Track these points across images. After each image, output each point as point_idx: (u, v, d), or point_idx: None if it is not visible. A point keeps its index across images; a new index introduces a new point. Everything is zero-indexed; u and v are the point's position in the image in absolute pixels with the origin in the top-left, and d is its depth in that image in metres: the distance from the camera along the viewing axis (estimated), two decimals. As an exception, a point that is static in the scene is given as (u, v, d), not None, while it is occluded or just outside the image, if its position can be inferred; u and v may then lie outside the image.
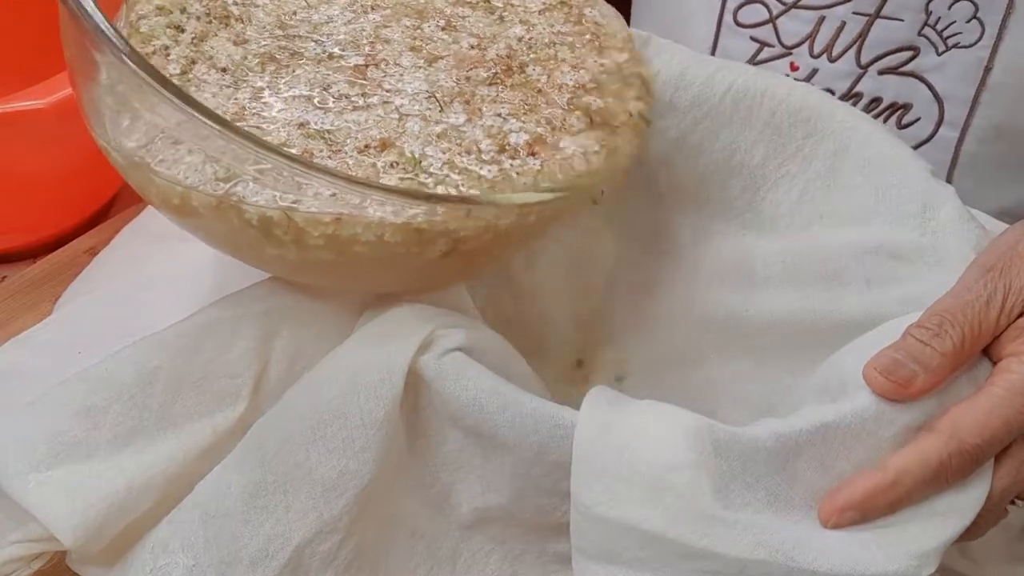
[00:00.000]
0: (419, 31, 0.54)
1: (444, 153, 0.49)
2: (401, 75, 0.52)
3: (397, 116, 0.50)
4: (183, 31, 0.52)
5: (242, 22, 0.53)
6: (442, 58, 0.53)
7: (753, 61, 0.78)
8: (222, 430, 0.51)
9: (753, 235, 0.65)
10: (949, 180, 0.75)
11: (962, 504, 0.47)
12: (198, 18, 0.52)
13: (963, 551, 0.55)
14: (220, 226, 0.47)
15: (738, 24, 0.77)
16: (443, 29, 0.55)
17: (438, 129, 0.50)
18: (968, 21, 0.72)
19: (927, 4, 0.71)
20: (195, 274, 0.67)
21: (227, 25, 0.52)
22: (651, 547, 0.45)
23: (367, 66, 0.52)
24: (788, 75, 0.77)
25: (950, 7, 0.72)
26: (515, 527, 0.50)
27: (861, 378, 0.48)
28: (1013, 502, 0.50)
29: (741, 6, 0.77)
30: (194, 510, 0.49)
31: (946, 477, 0.46)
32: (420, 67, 0.52)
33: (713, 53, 0.79)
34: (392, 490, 0.50)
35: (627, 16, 0.86)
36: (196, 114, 0.43)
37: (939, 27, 0.73)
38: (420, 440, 0.50)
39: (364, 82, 0.51)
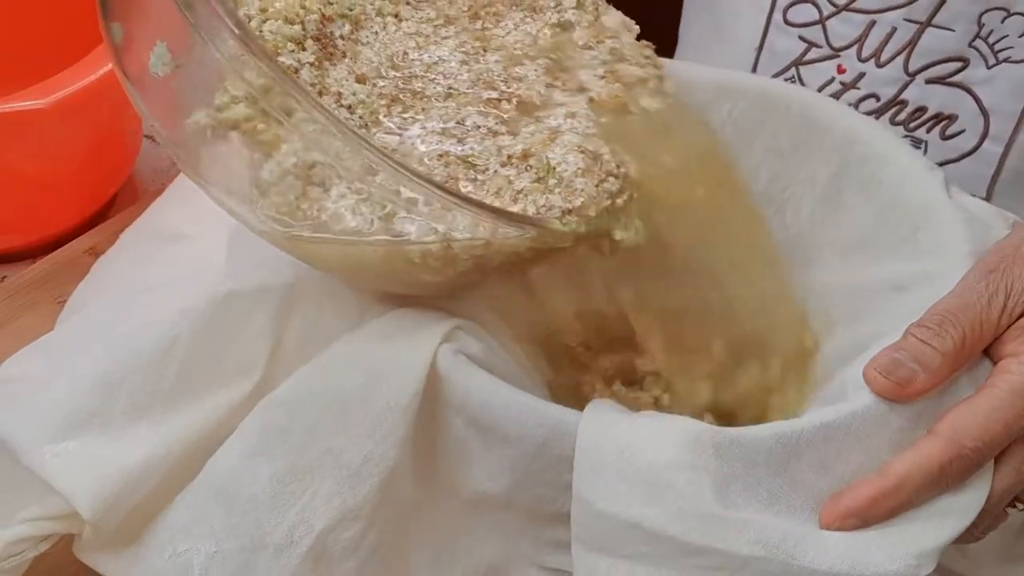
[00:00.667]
0: (552, 72, 0.57)
1: (583, 163, 0.52)
2: (550, 97, 0.55)
3: (548, 132, 0.53)
4: (304, 49, 0.52)
5: (348, 58, 0.54)
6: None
7: (800, 61, 0.79)
8: (237, 403, 0.53)
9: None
10: (990, 193, 0.76)
11: (962, 505, 0.48)
12: (313, 39, 0.53)
13: (962, 551, 0.56)
14: (382, 268, 0.50)
15: (787, 23, 0.78)
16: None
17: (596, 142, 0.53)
18: (1020, 36, 0.72)
19: (980, 16, 0.72)
20: (203, 273, 0.65)
21: (334, 63, 0.54)
22: (652, 544, 0.46)
23: (500, 100, 0.54)
24: (835, 78, 0.78)
25: (1003, 20, 0.72)
26: (512, 513, 0.52)
27: (861, 379, 0.49)
28: (1013, 504, 0.52)
29: (791, 5, 0.78)
30: (215, 496, 0.51)
31: (946, 481, 0.47)
32: (574, 96, 0.56)
33: (760, 51, 0.80)
34: (407, 476, 0.52)
35: (678, 12, 0.89)
36: (360, 138, 0.45)
37: (990, 40, 0.73)
38: (427, 426, 0.52)
39: (499, 112, 0.54)
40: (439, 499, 0.53)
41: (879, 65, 0.75)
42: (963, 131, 0.75)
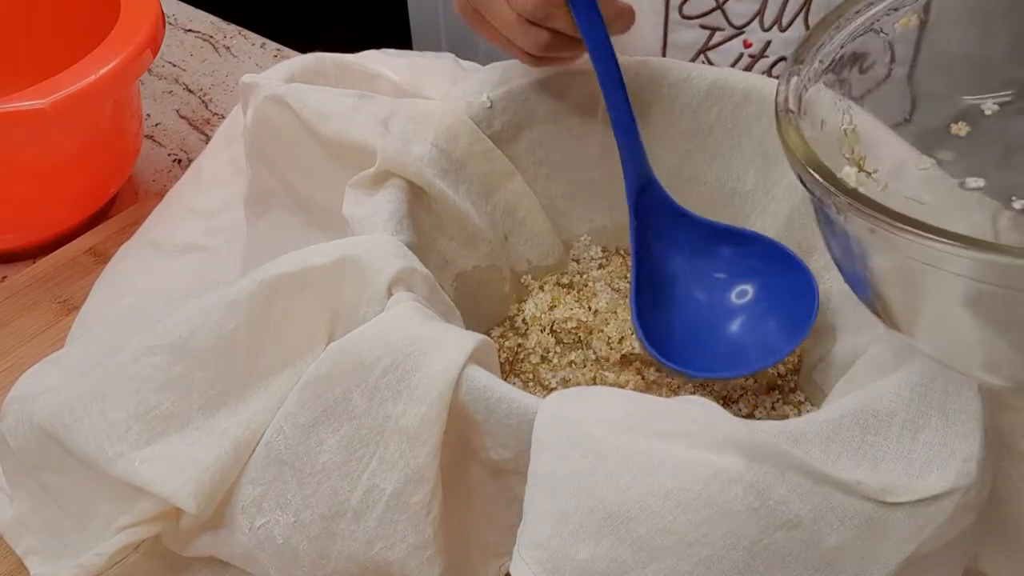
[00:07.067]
0: None
1: None
2: None
3: None
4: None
5: None
6: None
7: (706, 47, 0.84)
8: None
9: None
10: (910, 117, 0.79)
11: None
12: None
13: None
14: None
15: (684, 17, 0.83)
16: None
17: None
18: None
19: None
20: (212, 284, 0.72)
21: None
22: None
23: None
24: (743, 53, 0.84)
25: None
26: (519, 476, 0.53)
27: None
28: None
29: (685, 1, 0.83)
30: (280, 470, 0.53)
31: None
32: None
33: (664, 47, 0.85)
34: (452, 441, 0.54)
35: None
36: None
37: (878, -21, 0.80)
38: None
39: None
40: (464, 463, 0.55)
41: (782, 30, 0.81)
42: (875, 63, 0.76)
